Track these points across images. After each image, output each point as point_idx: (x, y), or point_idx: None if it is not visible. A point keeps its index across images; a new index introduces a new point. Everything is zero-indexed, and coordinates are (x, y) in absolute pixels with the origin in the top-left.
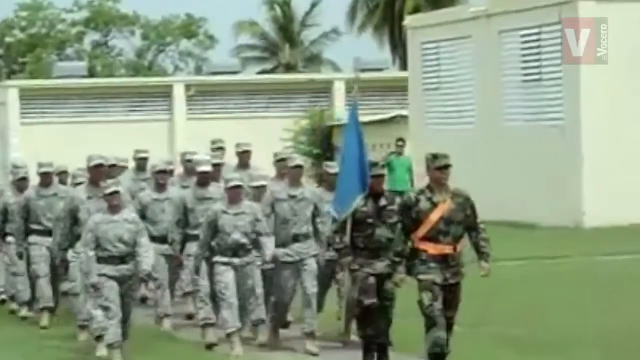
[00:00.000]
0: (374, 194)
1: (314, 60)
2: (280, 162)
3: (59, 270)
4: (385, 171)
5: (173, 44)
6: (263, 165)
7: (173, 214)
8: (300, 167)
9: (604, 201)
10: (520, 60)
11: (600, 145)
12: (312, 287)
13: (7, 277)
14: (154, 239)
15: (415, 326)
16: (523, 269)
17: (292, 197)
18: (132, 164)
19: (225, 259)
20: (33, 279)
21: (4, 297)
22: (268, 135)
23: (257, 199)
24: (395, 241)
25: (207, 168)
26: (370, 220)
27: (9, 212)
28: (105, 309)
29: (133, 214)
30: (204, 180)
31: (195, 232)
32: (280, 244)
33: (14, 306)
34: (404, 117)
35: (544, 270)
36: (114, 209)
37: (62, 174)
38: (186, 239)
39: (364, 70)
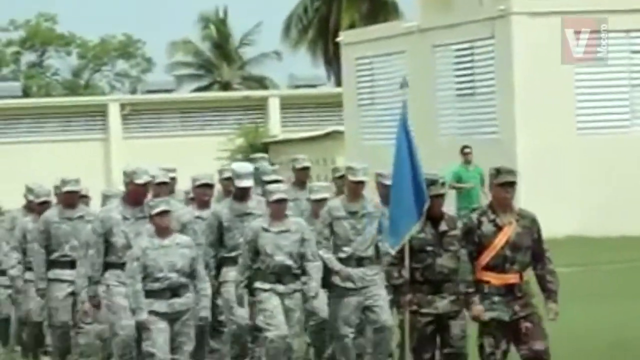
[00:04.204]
0: (433, 217)
1: (252, 79)
2: (340, 178)
3: (89, 309)
4: (445, 190)
5: (109, 64)
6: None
7: (205, 233)
8: (362, 182)
9: (539, 214)
10: (453, 75)
11: (535, 158)
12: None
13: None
14: None
15: None
16: None
17: (353, 213)
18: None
19: (267, 285)
20: (50, 325)
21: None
22: (204, 153)
23: (316, 214)
24: (462, 270)
25: (248, 183)
26: (429, 248)
27: (27, 240)
28: (150, 355)
29: (186, 237)
30: (243, 194)
31: (233, 254)
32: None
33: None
34: (339, 133)
35: None
36: (164, 231)
37: (82, 198)
38: (221, 262)
39: (298, 87)
